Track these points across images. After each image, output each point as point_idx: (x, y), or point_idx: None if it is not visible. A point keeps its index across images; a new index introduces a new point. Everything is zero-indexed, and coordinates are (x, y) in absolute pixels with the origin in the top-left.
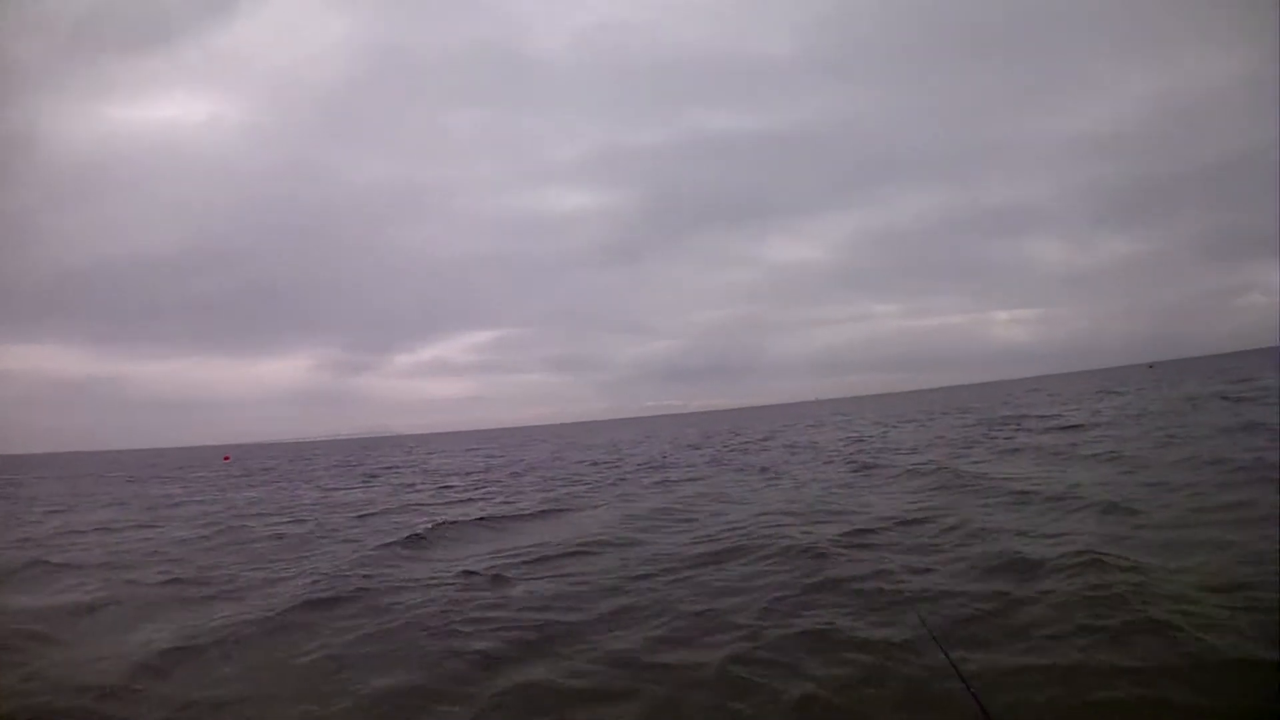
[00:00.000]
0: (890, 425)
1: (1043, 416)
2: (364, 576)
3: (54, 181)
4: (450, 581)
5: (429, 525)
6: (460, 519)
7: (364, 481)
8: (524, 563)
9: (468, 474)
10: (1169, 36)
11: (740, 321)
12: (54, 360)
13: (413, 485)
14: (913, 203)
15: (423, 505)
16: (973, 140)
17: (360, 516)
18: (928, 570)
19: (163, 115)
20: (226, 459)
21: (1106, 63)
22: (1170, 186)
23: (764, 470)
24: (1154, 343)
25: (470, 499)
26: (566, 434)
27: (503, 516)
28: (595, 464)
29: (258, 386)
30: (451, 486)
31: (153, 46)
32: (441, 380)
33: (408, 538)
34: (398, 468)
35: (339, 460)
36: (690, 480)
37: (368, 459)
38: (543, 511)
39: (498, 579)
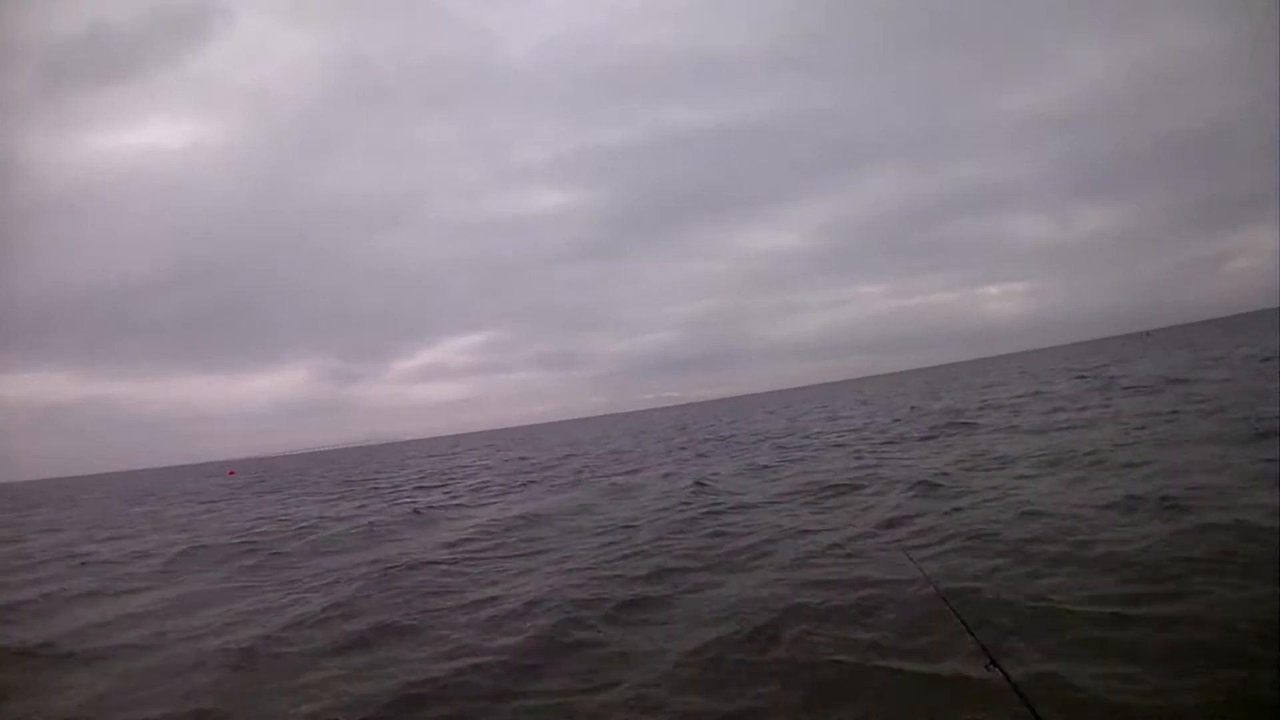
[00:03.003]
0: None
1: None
2: None
3: (35, 210)
4: None
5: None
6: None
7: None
8: None
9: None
10: (1127, 9)
11: (725, 311)
12: (41, 386)
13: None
14: (885, 185)
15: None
16: (938, 121)
17: None
18: None
19: (142, 141)
20: (231, 473)
21: (1066, 38)
22: (1140, 158)
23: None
24: (1150, 310)
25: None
26: (538, 434)
27: None
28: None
29: (256, 400)
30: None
31: (128, 76)
32: (437, 384)
33: None
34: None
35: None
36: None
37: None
38: None
39: None
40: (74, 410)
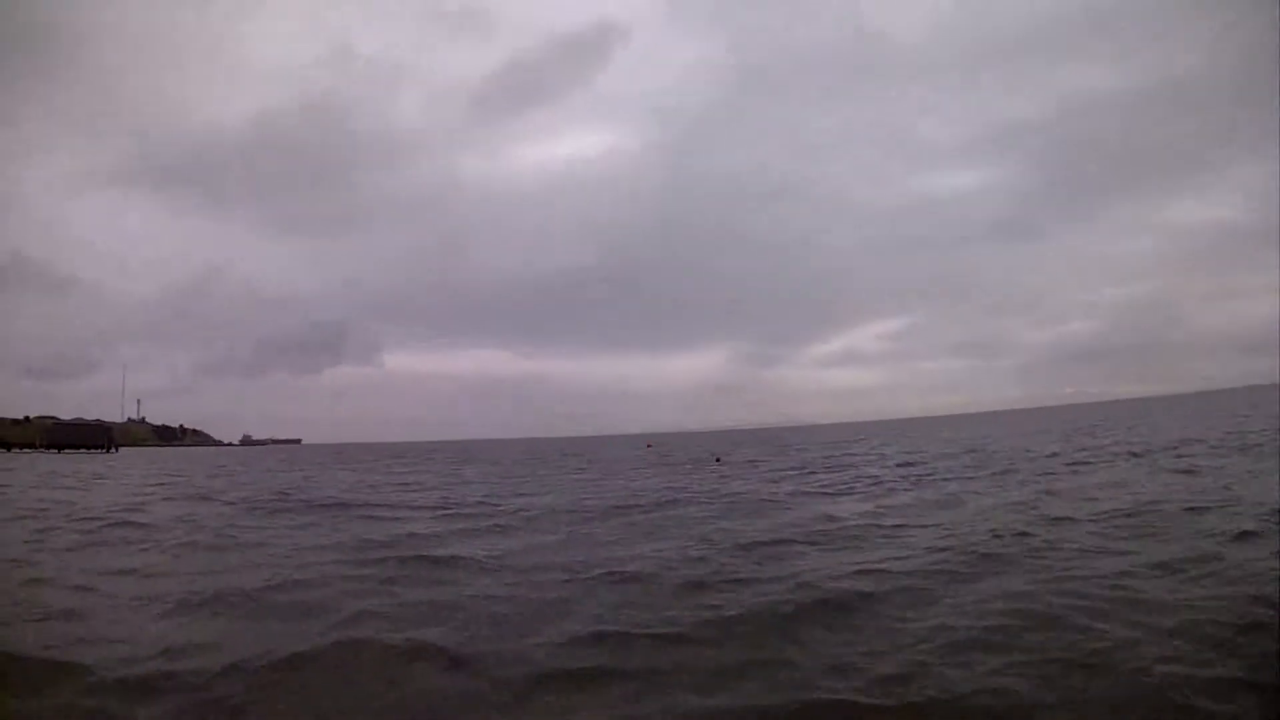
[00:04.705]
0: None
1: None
2: None
3: (479, 215)
4: None
5: None
6: None
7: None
8: None
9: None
10: None
11: (1153, 296)
12: (488, 362)
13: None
14: None
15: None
16: None
17: None
18: None
19: (564, 152)
20: (649, 445)
21: None
22: None
23: None
24: None
25: None
26: (937, 428)
27: None
28: None
29: (673, 380)
30: None
31: (545, 99)
32: (850, 369)
33: None
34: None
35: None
36: None
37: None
38: None
39: None
40: (515, 383)
